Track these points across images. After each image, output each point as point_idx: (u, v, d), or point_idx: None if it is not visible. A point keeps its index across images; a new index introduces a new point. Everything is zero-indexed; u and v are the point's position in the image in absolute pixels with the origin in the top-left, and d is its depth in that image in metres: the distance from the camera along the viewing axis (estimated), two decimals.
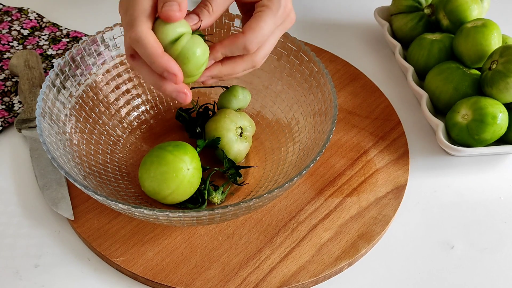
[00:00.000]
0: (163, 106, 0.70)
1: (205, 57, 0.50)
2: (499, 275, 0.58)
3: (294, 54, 0.65)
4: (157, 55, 0.47)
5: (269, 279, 0.55)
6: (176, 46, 0.48)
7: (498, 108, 0.65)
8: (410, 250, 0.60)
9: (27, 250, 0.58)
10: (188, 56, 0.48)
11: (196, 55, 0.48)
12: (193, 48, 0.48)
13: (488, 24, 0.70)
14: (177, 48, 0.48)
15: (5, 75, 0.75)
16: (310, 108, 0.63)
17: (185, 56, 0.48)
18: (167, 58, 0.47)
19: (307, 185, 0.64)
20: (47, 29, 0.83)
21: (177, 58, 0.48)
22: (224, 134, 0.62)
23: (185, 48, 0.48)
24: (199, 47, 0.49)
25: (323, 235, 0.59)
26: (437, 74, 0.72)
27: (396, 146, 0.69)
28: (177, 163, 0.56)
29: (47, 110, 0.57)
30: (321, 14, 0.91)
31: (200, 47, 0.49)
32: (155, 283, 0.55)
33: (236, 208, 0.50)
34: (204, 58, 0.50)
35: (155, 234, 0.58)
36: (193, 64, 0.49)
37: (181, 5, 0.47)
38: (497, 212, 0.64)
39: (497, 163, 0.70)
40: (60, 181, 0.62)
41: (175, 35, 0.48)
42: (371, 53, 0.84)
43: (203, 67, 0.50)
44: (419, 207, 0.64)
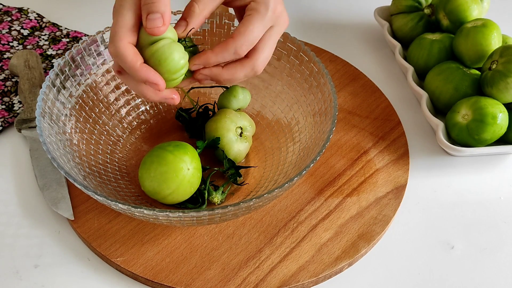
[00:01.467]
0: (163, 106, 0.70)
1: (180, 63, 0.51)
2: (499, 275, 0.58)
3: (294, 54, 0.65)
4: (135, 68, 0.49)
5: (269, 279, 0.55)
6: (151, 47, 0.50)
7: (498, 108, 0.65)
8: (410, 250, 0.60)
9: (27, 250, 0.58)
10: (161, 59, 0.50)
11: (168, 58, 0.50)
12: (167, 53, 0.50)
13: (488, 24, 0.70)
14: (151, 49, 0.50)
15: (5, 75, 0.75)
16: (310, 108, 0.63)
17: (157, 58, 0.50)
18: (146, 69, 0.50)
19: (307, 185, 0.64)
20: (47, 29, 0.83)
21: (150, 59, 0.50)
22: (224, 134, 0.62)
23: (159, 51, 0.50)
24: (173, 53, 0.50)
25: (323, 235, 0.59)
26: (437, 74, 0.72)
27: (396, 146, 0.69)
28: (177, 163, 0.56)
29: (47, 110, 0.57)
30: (321, 14, 0.91)
31: (175, 52, 0.50)
32: (155, 283, 0.55)
33: (236, 208, 0.50)
34: (179, 64, 0.51)
35: (155, 234, 0.58)
36: (166, 67, 0.50)
37: (164, 17, 0.49)
38: (497, 212, 0.64)
39: (497, 163, 0.70)
40: (60, 181, 0.62)
41: (154, 38, 0.50)
42: (371, 53, 0.84)
43: (179, 73, 0.52)
44: (419, 207, 0.64)
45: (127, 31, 0.50)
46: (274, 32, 0.54)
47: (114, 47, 0.49)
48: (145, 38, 0.50)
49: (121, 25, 0.49)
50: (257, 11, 0.52)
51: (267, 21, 0.53)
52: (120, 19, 0.50)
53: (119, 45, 0.49)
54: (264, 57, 0.54)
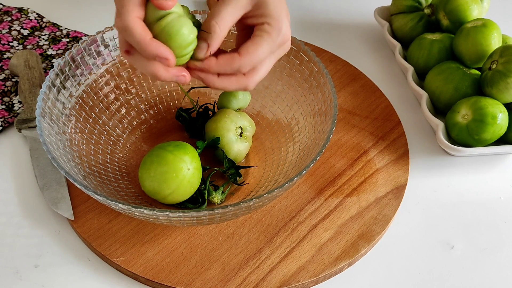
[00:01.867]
0: (163, 106, 0.70)
1: (189, 38, 0.50)
2: (499, 275, 0.58)
3: (294, 54, 0.65)
4: (145, 42, 0.48)
5: (269, 279, 0.55)
6: (161, 22, 0.49)
7: (498, 108, 0.65)
8: (410, 250, 0.60)
9: (27, 250, 0.58)
10: (171, 33, 0.49)
11: (178, 33, 0.49)
12: (177, 26, 0.49)
13: (488, 24, 0.70)
14: (160, 24, 0.49)
15: (5, 75, 0.75)
16: (310, 108, 0.63)
17: (168, 33, 0.49)
18: (156, 44, 0.48)
19: (307, 185, 0.64)
20: (47, 29, 0.83)
21: (160, 34, 0.49)
22: (224, 134, 0.62)
23: (169, 26, 0.49)
24: (183, 27, 0.49)
25: (323, 235, 0.59)
26: (437, 74, 0.72)
27: (396, 146, 0.69)
28: (177, 163, 0.56)
29: (47, 110, 0.57)
30: (321, 14, 0.91)
31: (184, 26, 0.49)
32: (155, 283, 0.55)
33: (236, 208, 0.50)
34: (188, 39, 0.50)
35: (155, 234, 0.58)
36: (176, 42, 0.49)
37: None
38: (497, 212, 0.64)
39: (497, 163, 0.70)
40: (60, 181, 0.62)
41: (162, 13, 0.49)
42: (371, 53, 0.84)
43: (189, 48, 0.50)
44: (419, 207, 0.64)
45: (135, 5, 0.48)
46: (275, 54, 0.53)
47: (122, 21, 0.47)
48: (151, 14, 0.49)
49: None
50: (269, 35, 0.51)
51: (275, 45, 0.52)
52: None
53: (128, 19, 0.47)
54: (259, 76, 0.53)
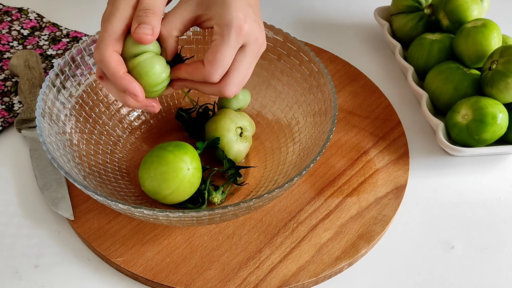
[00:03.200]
0: (163, 106, 0.70)
1: (160, 77, 0.53)
2: (499, 275, 0.58)
3: (294, 54, 0.65)
4: (117, 76, 0.51)
5: (269, 279, 0.55)
6: (134, 60, 0.51)
7: (498, 108, 0.65)
8: (410, 250, 0.60)
9: (27, 250, 0.58)
10: (141, 73, 0.52)
11: (149, 73, 0.52)
12: (148, 67, 0.52)
13: (488, 24, 0.70)
14: (133, 62, 0.51)
15: (5, 75, 0.75)
16: (310, 108, 0.63)
17: (139, 72, 0.52)
18: (128, 79, 0.51)
19: (307, 185, 0.64)
20: (47, 29, 0.83)
21: (133, 71, 0.52)
22: (224, 134, 0.62)
23: (140, 65, 0.51)
24: (154, 67, 0.52)
25: (323, 235, 0.59)
26: (437, 74, 0.72)
27: (396, 146, 0.69)
28: (177, 163, 0.56)
29: (47, 110, 0.57)
30: (321, 14, 0.91)
31: (156, 67, 0.52)
32: (155, 283, 0.55)
33: (236, 208, 0.50)
34: (159, 79, 0.53)
35: (155, 234, 0.58)
36: (146, 81, 0.52)
37: (154, 29, 0.50)
38: (497, 212, 0.64)
39: (497, 163, 0.70)
40: (60, 181, 0.62)
41: (138, 51, 0.51)
42: (371, 53, 0.84)
43: (160, 86, 0.53)
44: (419, 207, 0.64)
45: (114, 39, 0.51)
46: (246, 53, 0.52)
47: (99, 53, 0.50)
48: (129, 49, 0.51)
49: (109, 32, 0.50)
50: (220, 35, 0.51)
51: (234, 43, 0.51)
52: (109, 26, 0.50)
53: (105, 52, 0.50)
54: (235, 82, 0.53)
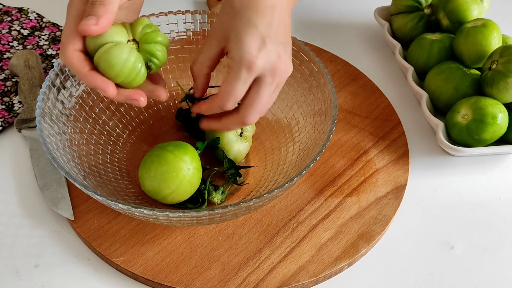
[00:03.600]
0: (163, 106, 0.70)
1: (127, 65, 0.50)
2: (499, 275, 0.58)
3: (294, 54, 0.65)
4: (82, 75, 0.50)
5: (269, 279, 0.55)
6: (97, 54, 0.50)
7: (498, 108, 0.65)
8: (410, 250, 0.60)
9: (27, 250, 0.58)
10: (105, 66, 0.50)
11: (111, 65, 0.50)
12: (108, 59, 0.49)
13: (488, 24, 0.70)
14: (96, 56, 0.50)
15: (5, 75, 0.75)
16: (310, 108, 0.63)
17: (103, 65, 0.50)
18: (93, 77, 0.50)
19: (307, 185, 0.64)
20: (47, 29, 0.83)
21: (99, 66, 0.50)
22: (224, 134, 0.62)
23: (101, 58, 0.50)
24: (116, 57, 0.50)
25: (323, 235, 0.59)
26: (437, 74, 0.72)
27: (396, 146, 0.69)
28: (177, 163, 0.56)
29: (47, 110, 0.57)
30: (321, 14, 0.91)
31: (117, 56, 0.50)
32: (155, 283, 0.55)
33: (236, 208, 0.50)
34: (126, 66, 0.50)
35: (155, 234, 0.58)
36: (113, 71, 0.50)
37: (99, 19, 0.48)
38: (497, 212, 0.64)
39: (497, 163, 0.70)
40: (60, 181, 0.62)
41: (97, 45, 0.50)
42: (371, 53, 0.84)
43: (133, 73, 0.51)
44: (419, 207, 0.64)
45: (72, 37, 0.49)
46: (261, 85, 0.52)
47: (61, 55, 0.50)
48: (89, 45, 0.50)
49: (66, 32, 0.49)
50: (231, 70, 0.51)
51: (245, 79, 0.51)
52: (66, 26, 0.50)
53: (65, 54, 0.49)
54: (255, 112, 0.54)
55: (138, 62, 0.52)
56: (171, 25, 0.66)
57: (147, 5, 0.60)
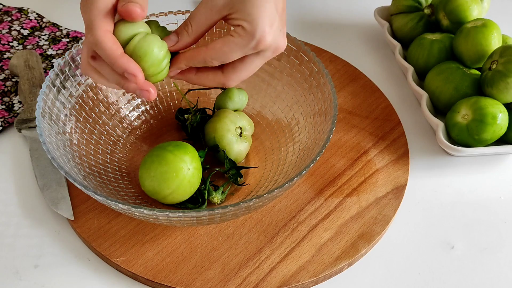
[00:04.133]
0: (163, 106, 0.70)
1: (160, 54, 0.50)
2: (499, 275, 0.58)
3: (294, 54, 0.65)
4: (115, 57, 0.48)
5: (269, 279, 0.55)
6: (129, 45, 0.49)
7: (498, 108, 0.65)
8: (410, 250, 0.60)
9: (27, 250, 0.58)
10: (140, 54, 0.49)
11: (147, 53, 0.49)
12: (144, 47, 0.49)
13: (488, 24, 0.70)
14: (129, 47, 0.49)
15: (5, 75, 0.75)
16: (310, 108, 0.63)
17: (137, 54, 0.49)
18: (126, 60, 0.48)
19: (307, 185, 0.64)
20: (47, 29, 0.83)
21: (132, 57, 0.49)
22: (224, 135, 0.62)
23: (137, 47, 0.49)
24: (151, 46, 0.49)
25: (323, 235, 0.59)
26: (437, 74, 0.72)
27: (396, 146, 0.69)
28: (177, 163, 0.56)
29: (47, 110, 0.57)
30: (321, 14, 0.91)
31: (152, 45, 0.50)
32: (155, 283, 0.55)
33: (236, 208, 0.50)
34: (159, 56, 0.50)
35: (155, 234, 0.58)
36: (147, 62, 0.50)
37: (142, 6, 0.48)
38: (497, 212, 0.64)
39: (497, 163, 0.70)
40: (60, 181, 0.62)
41: (129, 34, 0.49)
42: (371, 53, 0.84)
43: (162, 65, 0.51)
44: (419, 207, 0.64)
45: (104, 18, 0.48)
46: (259, 58, 0.53)
47: (93, 35, 0.48)
48: (121, 34, 0.49)
49: (98, 10, 0.48)
50: (240, 37, 0.50)
51: (250, 50, 0.51)
52: (94, 6, 0.48)
53: (98, 33, 0.47)
54: (239, 77, 0.53)
55: (168, 55, 0.52)
56: (171, 25, 0.66)
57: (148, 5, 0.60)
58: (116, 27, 0.49)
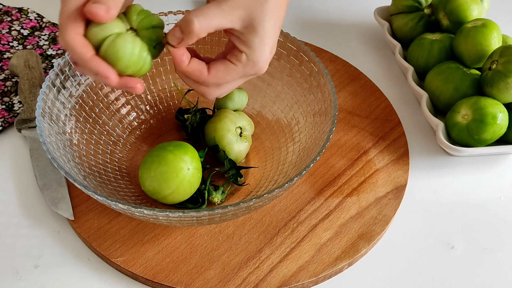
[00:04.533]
0: (163, 106, 0.70)
1: (134, 55, 0.49)
2: (499, 275, 0.58)
3: (294, 54, 0.65)
4: (85, 60, 0.47)
5: (269, 279, 0.55)
6: (101, 50, 0.48)
7: (498, 108, 0.65)
8: (410, 250, 0.60)
9: (27, 250, 0.58)
10: (112, 59, 0.48)
11: (119, 58, 0.48)
12: (114, 52, 0.48)
13: (488, 24, 0.70)
14: (101, 52, 0.48)
15: (5, 75, 0.75)
16: (310, 108, 0.63)
17: (110, 59, 0.48)
18: (95, 63, 0.47)
19: (307, 185, 0.64)
20: (47, 29, 0.83)
21: (106, 58, 0.48)
22: (224, 135, 0.62)
23: (108, 52, 0.48)
24: (121, 50, 0.48)
25: (323, 235, 0.59)
26: (437, 74, 0.72)
27: (396, 146, 0.69)
28: (177, 163, 0.56)
29: (47, 110, 0.57)
30: (321, 14, 0.91)
31: (123, 49, 0.48)
32: (155, 283, 0.55)
33: (236, 208, 0.50)
34: (133, 57, 0.49)
35: (155, 234, 0.58)
36: (122, 64, 0.48)
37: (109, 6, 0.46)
38: (497, 212, 0.64)
39: (497, 163, 0.70)
40: (60, 181, 0.62)
41: (100, 36, 0.48)
42: (371, 53, 0.84)
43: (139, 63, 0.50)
44: (419, 207, 0.64)
45: (73, 22, 0.47)
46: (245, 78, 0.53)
47: (62, 39, 0.47)
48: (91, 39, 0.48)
49: (67, 14, 0.46)
50: (243, 66, 0.50)
51: (246, 76, 0.52)
52: (63, 9, 0.47)
53: (68, 37, 0.46)
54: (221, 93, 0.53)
55: (143, 50, 0.50)
56: (171, 25, 0.66)
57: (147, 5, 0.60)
58: (88, 29, 0.48)
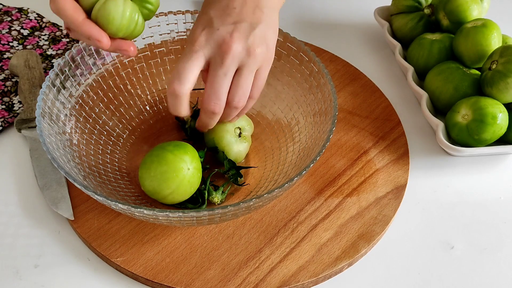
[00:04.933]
0: (163, 106, 0.70)
1: (125, 17, 0.50)
2: (499, 275, 0.58)
3: (294, 54, 0.65)
4: (77, 24, 0.48)
5: (269, 279, 0.55)
6: (92, 13, 0.49)
7: (498, 108, 0.65)
8: (410, 250, 0.60)
9: (27, 250, 0.58)
10: (103, 21, 0.49)
11: (110, 20, 0.49)
12: (105, 14, 0.49)
13: (488, 24, 0.70)
14: (93, 15, 0.49)
15: (5, 75, 0.75)
16: (310, 108, 0.63)
17: (101, 21, 0.49)
18: (88, 25, 0.48)
19: (307, 185, 0.64)
20: (47, 29, 0.83)
21: (97, 21, 0.49)
22: (223, 136, 0.62)
23: (99, 15, 0.49)
24: (112, 12, 0.49)
25: (323, 235, 0.59)
26: (437, 74, 0.72)
27: (396, 146, 0.69)
28: (177, 162, 0.56)
29: (47, 110, 0.57)
30: (321, 14, 0.91)
31: (114, 11, 0.49)
32: (155, 283, 0.55)
33: (236, 208, 0.50)
34: (124, 20, 0.50)
35: (155, 234, 0.58)
36: (113, 27, 0.50)
37: None
38: (497, 212, 0.64)
39: (497, 163, 0.70)
40: (60, 181, 0.62)
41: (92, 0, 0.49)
42: (371, 53, 0.84)
43: (130, 25, 0.51)
44: (419, 207, 0.64)
45: None
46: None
47: (54, 3, 0.48)
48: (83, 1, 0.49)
49: None
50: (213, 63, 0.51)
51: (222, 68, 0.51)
52: None
53: (59, 2, 0.48)
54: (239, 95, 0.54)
55: (134, 12, 0.51)
56: (171, 25, 0.66)
57: None
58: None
